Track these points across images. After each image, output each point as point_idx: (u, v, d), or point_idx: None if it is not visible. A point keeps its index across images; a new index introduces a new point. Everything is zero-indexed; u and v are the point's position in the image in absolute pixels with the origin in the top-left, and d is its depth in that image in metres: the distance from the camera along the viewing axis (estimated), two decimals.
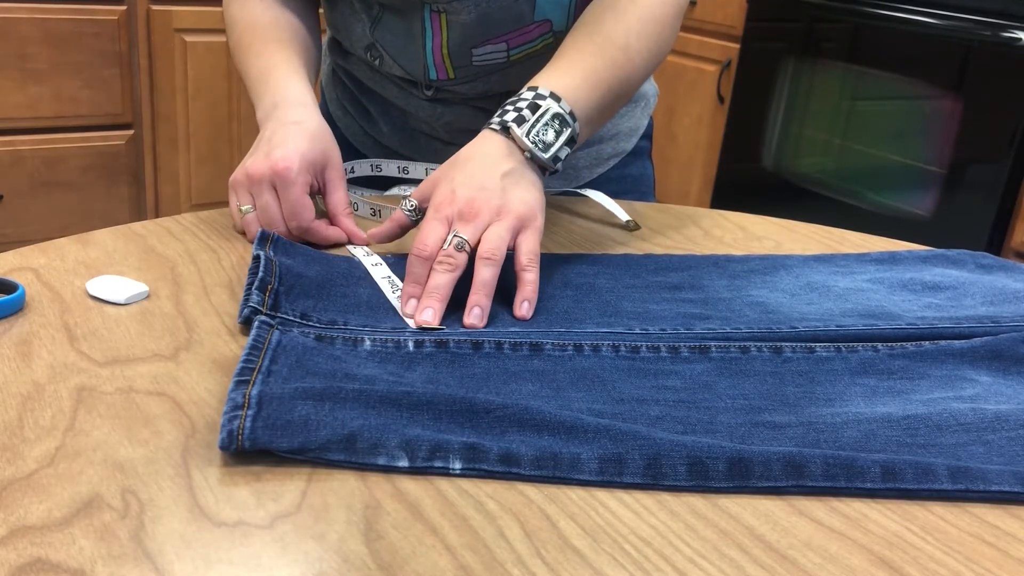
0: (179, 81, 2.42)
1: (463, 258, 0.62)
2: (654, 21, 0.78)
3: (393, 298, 0.62)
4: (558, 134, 0.69)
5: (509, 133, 0.68)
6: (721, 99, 2.66)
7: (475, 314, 0.59)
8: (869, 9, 2.21)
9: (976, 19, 2.01)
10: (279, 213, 0.70)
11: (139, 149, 2.44)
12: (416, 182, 0.90)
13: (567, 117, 0.70)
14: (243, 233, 0.73)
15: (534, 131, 0.68)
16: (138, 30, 2.33)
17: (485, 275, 0.61)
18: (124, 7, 2.29)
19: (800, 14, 2.39)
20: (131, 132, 2.41)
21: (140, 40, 2.34)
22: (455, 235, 0.62)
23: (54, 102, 2.28)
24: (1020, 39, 1.91)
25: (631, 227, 0.82)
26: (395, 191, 0.85)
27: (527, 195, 0.66)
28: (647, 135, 1.00)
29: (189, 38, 2.38)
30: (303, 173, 0.70)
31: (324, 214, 0.75)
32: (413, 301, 0.60)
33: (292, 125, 0.73)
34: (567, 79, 0.72)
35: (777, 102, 2.48)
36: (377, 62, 0.89)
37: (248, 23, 0.84)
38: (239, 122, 2.54)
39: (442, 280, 0.60)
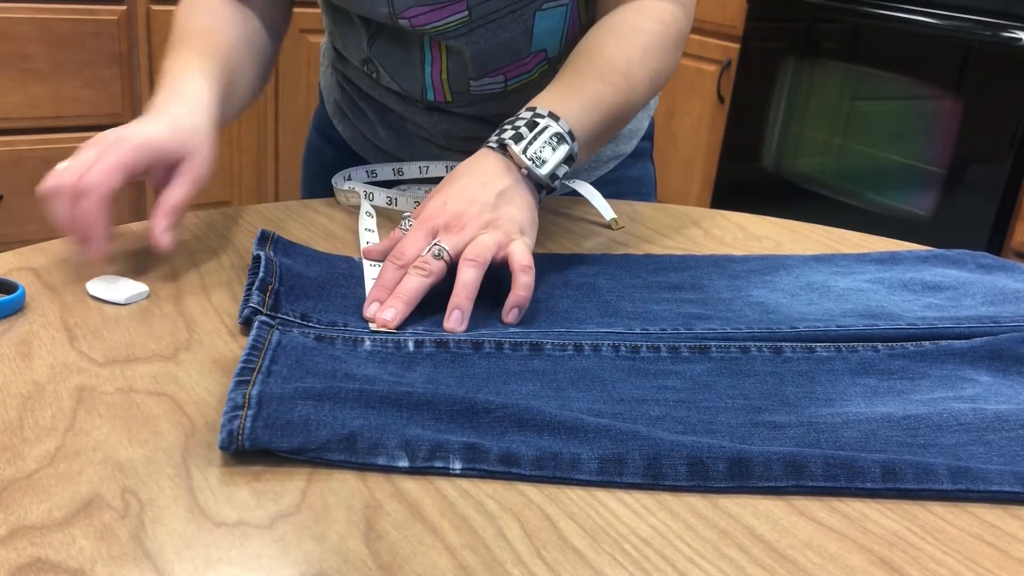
0: None
1: (439, 266, 0.60)
2: (657, 49, 0.77)
3: None
4: (555, 151, 0.68)
5: (506, 150, 0.68)
6: (721, 99, 2.66)
7: (454, 318, 0.58)
8: (869, 9, 2.21)
9: (976, 19, 2.01)
10: (77, 169, 0.61)
11: None
12: (411, 182, 0.90)
13: (565, 136, 0.69)
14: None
15: (531, 148, 0.68)
16: (138, 30, 2.33)
17: (467, 276, 0.59)
18: (124, 7, 2.29)
19: (800, 14, 2.39)
20: None
21: (140, 40, 2.34)
22: (435, 244, 0.61)
23: (54, 102, 2.28)
24: (1020, 39, 1.91)
25: (615, 226, 0.82)
26: (394, 191, 0.86)
27: (518, 213, 0.65)
28: (648, 136, 1.00)
29: None
30: (133, 152, 0.62)
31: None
32: (376, 304, 0.59)
33: (157, 114, 0.66)
34: (567, 100, 0.71)
35: (777, 102, 2.48)
36: (374, 75, 0.89)
37: (185, 25, 0.78)
38: (239, 122, 2.55)
39: (411, 283, 0.59)
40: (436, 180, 0.90)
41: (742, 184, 2.63)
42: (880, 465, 0.46)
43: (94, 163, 0.61)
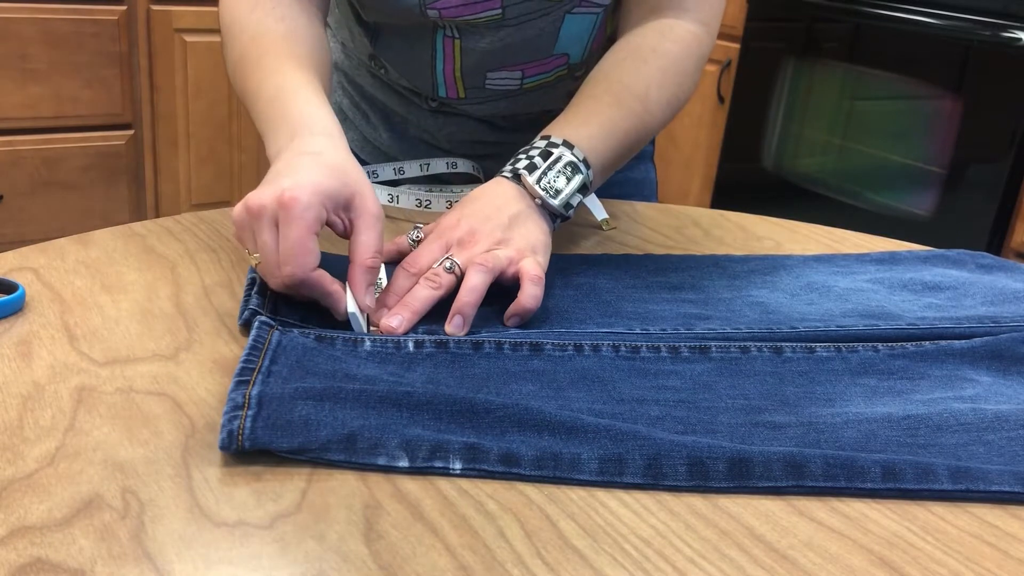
0: (179, 81, 2.42)
1: (449, 279, 0.60)
2: (676, 72, 0.76)
3: (353, 307, 0.61)
4: (569, 181, 0.68)
5: (520, 180, 0.68)
6: (721, 99, 2.66)
7: (455, 323, 0.57)
8: (869, 9, 2.21)
9: (976, 19, 2.01)
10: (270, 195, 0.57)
11: (139, 149, 2.44)
12: (413, 180, 0.90)
13: (580, 165, 0.69)
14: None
15: (545, 178, 0.67)
16: (138, 30, 2.33)
17: (474, 280, 0.59)
18: (124, 7, 2.29)
19: (800, 14, 2.39)
20: (131, 132, 2.41)
21: (140, 40, 2.34)
22: (447, 257, 0.61)
23: (54, 102, 2.28)
24: (1020, 39, 1.91)
25: (605, 227, 0.82)
26: (398, 189, 0.85)
27: (530, 234, 0.65)
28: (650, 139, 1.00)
29: (189, 38, 2.38)
30: (313, 208, 0.56)
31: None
32: (385, 310, 0.59)
33: (309, 155, 0.60)
34: (583, 128, 0.71)
35: (777, 102, 2.48)
36: (382, 72, 0.88)
37: (258, 30, 0.71)
38: (239, 122, 2.54)
39: (421, 294, 0.59)
40: (437, 177, 0.90)
41: (742, 184, 2.63)
42: (880, 465, 0.46)
43: (286, 244, 0.56)
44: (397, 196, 0.81)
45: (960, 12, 2.04)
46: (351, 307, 0.57)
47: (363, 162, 0.96)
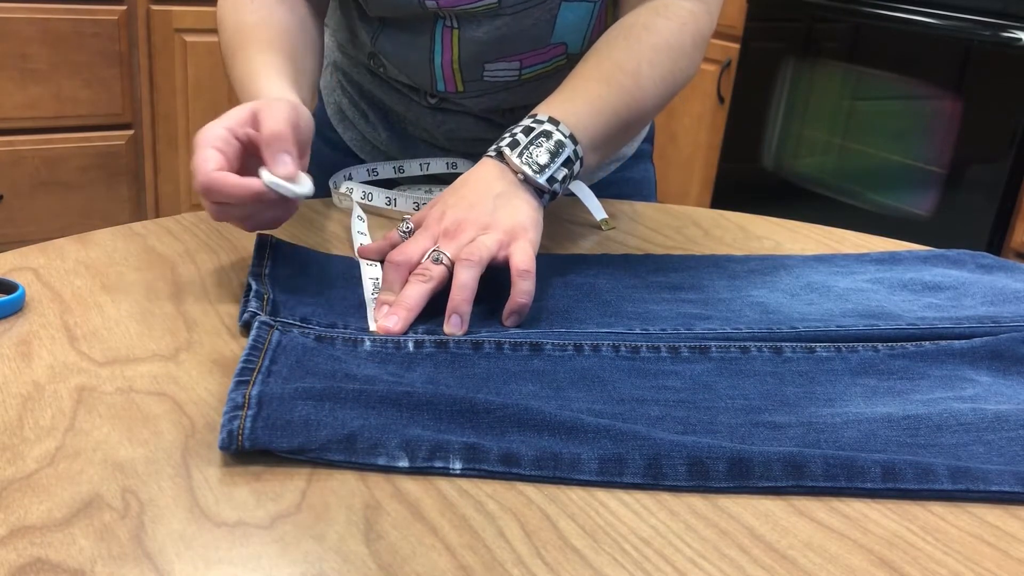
0: (179, 81, 2.42)
1: (439, 271, 0.60)
2: (669, 49, 0.76)
3: (371, 299, 0.61)
4: (553, 155, 0.67)
5: (503, 157, 0.68)
6: (721, 99, 2.66)
7: (453, 322, 0.58)
8: (869, 9, 2.21)
9: (976, 19, 2.01)
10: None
11: (139, 149, 2.44)
12: (413, 179, 0.90)
13: (565, 140, 0.68)
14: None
15: (526, 153, 0.67)
16: (138, 30, 2.33)
17: (463, 277, 0.59)
18: (124, 7, 2.29)
19: (800, 14, 2.39)
20: (131, 132, 2.41)
21: (140, 40, 2.34)
22: (434, 250, 0.61)
23: (54, 102, 2.28)
24: (1020, 39, 1.91)
25: (605, 227, 0.82)
26: (394, 192, 0.86)
27: (517, 212, 0.65)
28: (648, 138, 1.00)
29: (189, 38, 2.38)
30: (211, 128, 0.60)
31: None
32: (384, 308, 0.59)
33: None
34: (568, 104, 0.71)
35: (777, 102, 2.48)
36: (381, 70, 0.88)
37: (235, 25, 0.77)
38: None
39: (413, 291, 0.59)
40: (437, 177, 0.90)
41: (742, 184, 2.63)
42: (880, 465, 0.46)
43: (193, 163, 0.60)
44: (395, 199, 0.81)
45: (960, 12, 2.04)
46: (267, 179, 0.59)
47: (362, 161, 0.97)
